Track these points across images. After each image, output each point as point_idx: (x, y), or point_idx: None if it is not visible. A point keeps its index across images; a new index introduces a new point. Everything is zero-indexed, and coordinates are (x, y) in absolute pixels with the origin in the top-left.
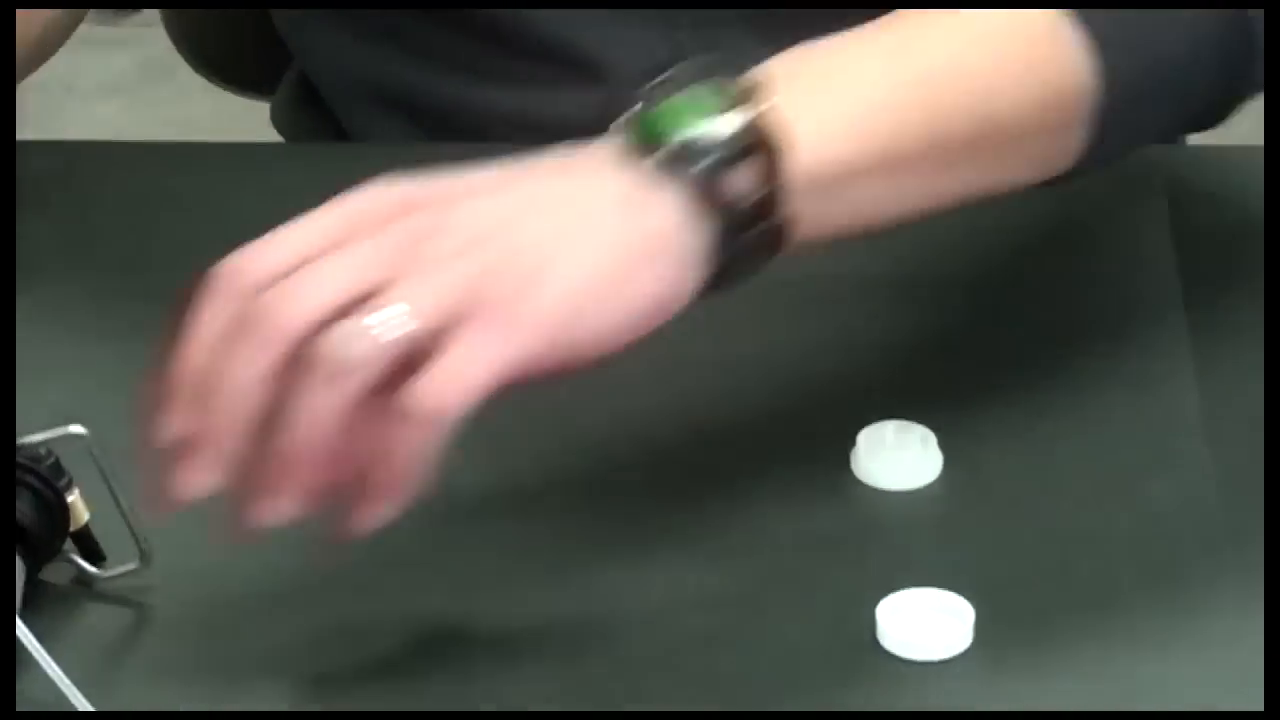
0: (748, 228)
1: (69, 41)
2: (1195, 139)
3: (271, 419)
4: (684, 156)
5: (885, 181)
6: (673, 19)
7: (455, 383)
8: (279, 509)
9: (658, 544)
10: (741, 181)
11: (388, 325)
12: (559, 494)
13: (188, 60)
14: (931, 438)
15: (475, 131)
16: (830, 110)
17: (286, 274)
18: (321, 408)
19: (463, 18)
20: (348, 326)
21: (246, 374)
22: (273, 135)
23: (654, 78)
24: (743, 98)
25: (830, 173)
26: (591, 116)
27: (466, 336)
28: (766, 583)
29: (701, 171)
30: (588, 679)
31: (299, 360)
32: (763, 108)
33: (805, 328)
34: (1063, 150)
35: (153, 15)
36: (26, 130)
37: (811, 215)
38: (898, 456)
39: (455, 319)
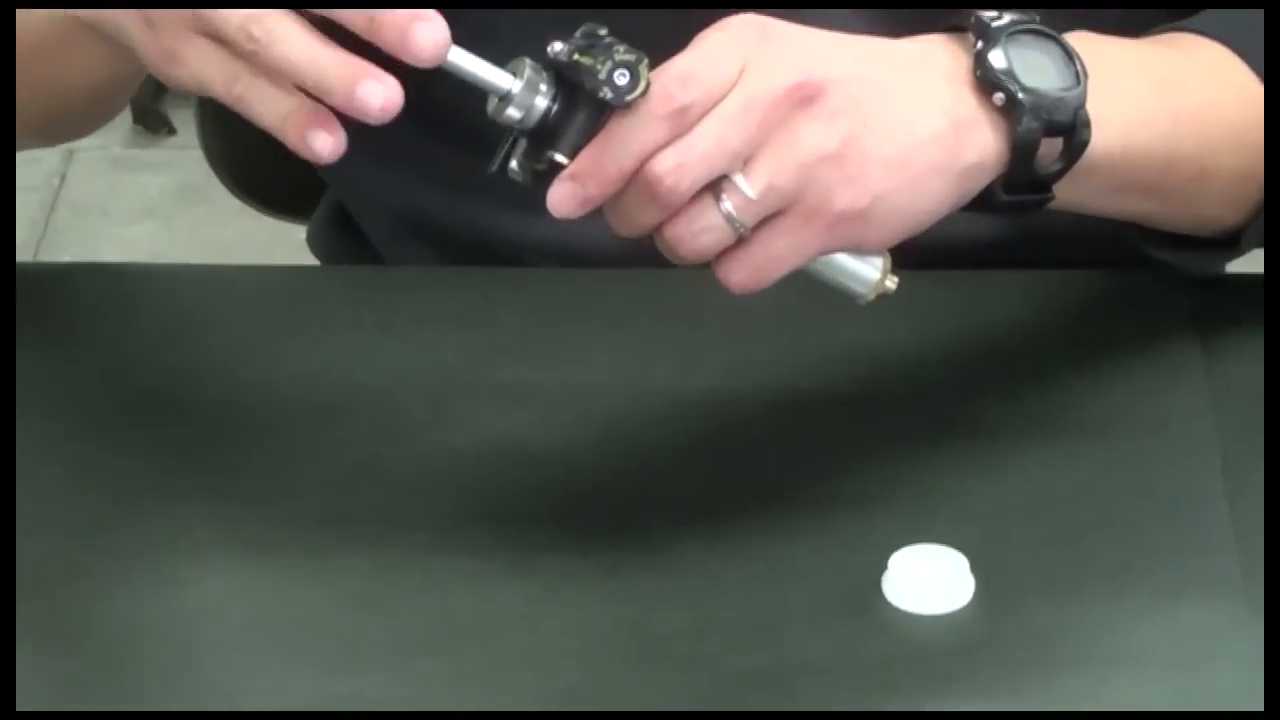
0: (1032, 190)
1: (104, 165)
2: (1233, 267)
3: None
4: (1022, 108)
5: (1112, 185)
6: None
7: (760, 274)
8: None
9: (685, 668)
10: (1052, 150)
11: (731, 220)
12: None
13: (225, 183)
14: (964, 562)
15: (507, 258)
16: (1113, 111)
17: (713, 100)
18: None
19: (485, 145)
20: (704, 220)
21: (638, 212)
22: (308, 258)
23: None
24: (1083, 73)
25: (1096, 167)
26: (618, 242)
27: (785, 229)
28: (798, 707)
29: (1031, 130)
30: None
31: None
32: (1089, 87)
33: (834, 447)
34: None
35: (188, 138)
36: (63, 253)
37: (1061, 195)
38: (930, 581)
39: (782, 206)
